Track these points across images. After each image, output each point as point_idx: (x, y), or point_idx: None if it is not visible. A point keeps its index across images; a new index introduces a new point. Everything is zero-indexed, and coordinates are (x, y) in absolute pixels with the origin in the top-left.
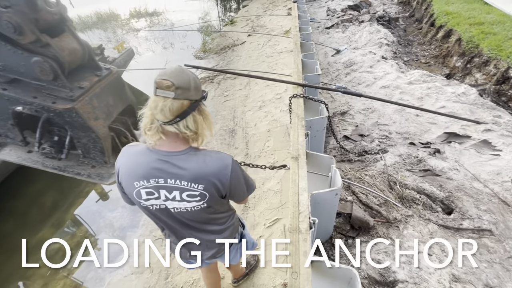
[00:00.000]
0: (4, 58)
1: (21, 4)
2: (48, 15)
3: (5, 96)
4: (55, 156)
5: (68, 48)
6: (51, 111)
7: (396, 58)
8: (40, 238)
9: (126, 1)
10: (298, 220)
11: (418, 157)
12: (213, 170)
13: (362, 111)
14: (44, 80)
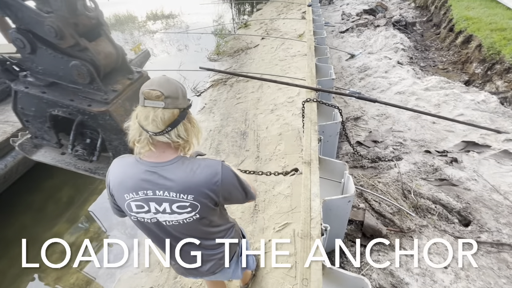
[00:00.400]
0: (45, 62)
1: (63, 9)
2: (86, 20)
3: (44, 99)
4: (87, 158)
5: (104, 52)
6: (86, 114)
7: (413, 63)
8: (55, 233)
9: (143, 3)
10: (310, 226)
11: (434, 165)
12: (202, 179)
13: (376, 116)
14: (80, 83)
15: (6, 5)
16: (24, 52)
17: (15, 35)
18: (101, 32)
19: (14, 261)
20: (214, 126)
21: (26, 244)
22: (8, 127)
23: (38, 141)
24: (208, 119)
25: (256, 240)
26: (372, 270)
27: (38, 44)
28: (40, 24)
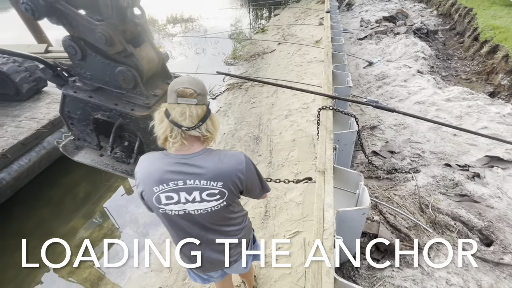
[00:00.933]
0: (93, 68)
1: (114, 17)
2: (133, 27)
3: (89, 103)
4: (125, 160)
5: (147, 57)
6: (127, 118)
7: (434, 72)
8: (71, 227)
9: (164, 7)
10: (322, 237)
11: (454, 180)
12: (229, 167)
13: (394, 126)
14: (124, 88)
15: (63, 14)
16: (75, 59)
17: (68, 42)
18: (145, 38)
19: (31, 253)
20: (228, 129)
21: (42, 238)
22: (34, 123)
23: (80, 143)
24: (222, 122)
25: (266, 247)
26: (385, 286)
27: (88, 51)
28: (91, 32)
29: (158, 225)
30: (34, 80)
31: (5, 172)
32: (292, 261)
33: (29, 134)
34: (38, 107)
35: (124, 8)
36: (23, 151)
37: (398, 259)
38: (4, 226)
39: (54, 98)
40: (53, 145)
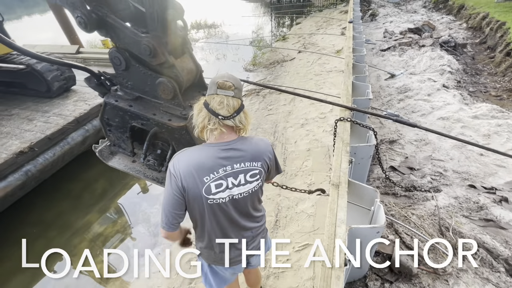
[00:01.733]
0: (135, 78)
1: (158, 30)
2: (176, 39)
3: (129, 112)
4: (157, 168)
5: (187, 69)
6: (163, 127)
7: (460, 87)
8: (87, 221)
9: (189, 13)
10: (333, 254)
11: (478, 203)
12: (263, 148)
13: (414, 142)
14: (163, 98)
15: (112, 27)
16: (119, 69)
17: (114, 53)
18: (185, 50)
19: (50, 243)
20: None
21: (60, 230)
22: (61, 119)
23: (115, 148)
24: None
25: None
26: None
27: (132, 61)
28: (137, 44)
29: None
30: (64, 79)
31: (31, 164)
32: (300, 275)
33: (56, 129)
34: (66, 104)
35: (169, 21)
36: (49, 145)
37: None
38: (26, 215)
39: (81, 97)
40: (77, 141)
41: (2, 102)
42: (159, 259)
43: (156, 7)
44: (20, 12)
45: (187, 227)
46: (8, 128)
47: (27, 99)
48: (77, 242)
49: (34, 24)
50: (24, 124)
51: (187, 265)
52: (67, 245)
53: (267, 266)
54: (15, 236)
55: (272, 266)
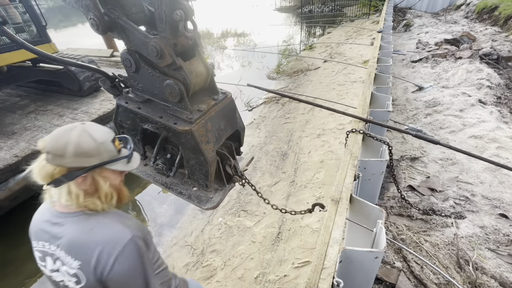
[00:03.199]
0: (145, 80)
1: (167, 31)
2: (185, 41)
3: (138, 114)
4: (165, 173)
5: (195, 72)
6: (170, 131)
7: (500, 104)
8: None
9: (221, 22)
10: (319, 276)
11: (510, 235)
12: (96, 241)
13: (439, 160)
14: (170, 101)
15: (123, 29)
16: (130, 71)
17: (125, 55)
18: (195, 53)
19: None
20: (257, 142)
21: None
22: (86, 117)
23: None
24: (253, 134)
25: (271, 271)
26: None
27: (141, 63)
28: (145, 45)
29: (173, 227)
30: (94, 80)
31: None
32: None
33: None
34: (93, 103)
35: (177, 22)
36: None
37: None
38: None
39: (108, 97)
40: None
41: (42, 98)
42: None
43: (164, 7)
44: (75, 20)
45: None
46: (41, 122)
47: (62, 97)
48: None
49: (86, 32)
50: (55, 120)
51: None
52: None
53: (263, 280)
54: None
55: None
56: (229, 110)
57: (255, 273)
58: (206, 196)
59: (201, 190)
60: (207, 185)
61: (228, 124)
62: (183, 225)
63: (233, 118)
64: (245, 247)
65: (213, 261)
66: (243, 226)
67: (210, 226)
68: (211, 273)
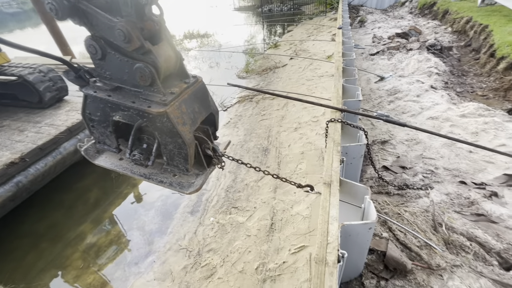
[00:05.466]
0: (112, 66)
1: (132, 15)
2: (152, 25)
3: (109, 103)
4: (143, 163)
5: (164, 55)
6: (144, 116)
7: (448, 88)
8: (80, 232)
9: (182, 23)
10: (326, 251)
11: (469, 198)
12: None
13: (405, 141)
14: (142, 86)
15: (85, 14)
16: (95, 58)
17: (89, 42)
18: (163, 37)
19: (42, 255)
20: (237, 140)
21: (52, 241)
22: (53, 129)
23: (100, 146)
24: (232, 133)
25: (270, 261)
26: None
27: (108, 49)
28: (111, 29)
29: (164, 233)
30: (56, 89)
31: (22, 175)
32: (296, 277)
33: (47, 139)
34: (58, 114)
35: (142, 5)
36: (41, 155)
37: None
38: (19, 227)
39: (74, 106)
40: (69, 151)
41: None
42: (154, 267)
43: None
44: (12, 26)
45: None
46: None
47: (19, 110)
48: (70, 253)
49: (27, 37)
50: (15, 135)
51: (182, 271)
52: (59, 256)
53: (263, 270)
54: (6, 249)
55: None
56: (201, 93)
57: (255, 264)
58: (188, 181)
59: (182, 176)
60: (187, 169)
61: (202, 107)
62: (174, 229)
63: (206, 101)
64: (241, 242)
65: (211, 260)
66: (235, 222)
67: (202, 227)
68: (211, 271)
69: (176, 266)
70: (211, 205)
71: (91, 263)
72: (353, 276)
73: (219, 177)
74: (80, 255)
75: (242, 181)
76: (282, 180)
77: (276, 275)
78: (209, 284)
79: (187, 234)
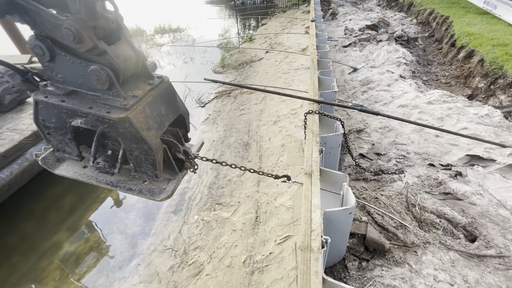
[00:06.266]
0: (64, 69)
1: (81, 12)
2: (106, 23)
3: (63, 109)
4: (108, 170)
5: (123, 56)
6: (105, 122)
7: (415, 77)
8: (55, 241)
9: (152, 18)
10: (310, 238)
11: (438, 179)
12: None
13: (379, 129)
14: (99, 90)
15: (25, 10)
16: (44, 60)
17: (34, 42)
18: (120, 36)
19: (14, 269)
20: (217, 136)
21: (25, 253)
22: (16, 135)
23: (60, 154)
24: (212, 129)
25: (257, 253)
26: (375, 285)
27: (57, 50)
28: (58, 28)
29: (147, 235)
30: (17, 91)
31: None
32: (283, 266)
33: (11, 146)
34: (21, 118)
35: (93, 2)
36: (5, 163)
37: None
38: None
39: None
40: None
41: None
42: (139, 270)
43: None
44: None
45: None
46: None
47: None
48: (46, 264)
49: None
50: None
51: (169, 272)
52: (34, 269)
53: (251, 262)
54: None
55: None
56: (168, 94)
57: (242, 258)
58: (159, 187)
59: (152, 182)
60: (156, 175)
61: (170, 109)
62: (157, 230)
63: (174, 102)
64: (227, 237)
65: (198, 258)
66: (220, 218)
67: (187, 225)
68: (198, 269)
69: (162, 267)
70: (194, 203)
71: (70, 273)
72: (337, 260)
73: (201, 175)
74: (57, 265)
75: (224, 177)
76: (259, 174)
77: (263, 266)
78: (197, 281)
79: (171, 234)
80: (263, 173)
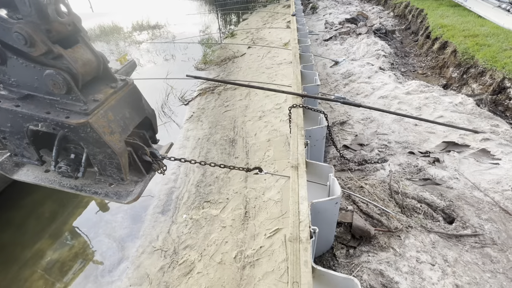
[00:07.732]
0: (17, 73)
1: (32, 15)
2: (61, 26)
3: (19, 114)
4: (72, 175)
5: (82, 59)
6: (65, 127)
7: (394, 69)
8: (37, 250)
9: (129, 15)
10: (299, 229)
11: (417, 166)
12: None
13: (361, 120)
14: (57, 94)
15: None
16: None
17: None
18: (78, 39)
19: None
20: (203, 134)
21: (5, 264)
22: None
23: (19, 159)
24: (197, 127)
25: (247, 248)
26: (362, 271)
27: (8, 54)
28: (7, 32)
29: (135, 237)
30: None
31: None
32: (274, 259)
33: None
34: None
35: (44, 5)
36: None
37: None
38: None
39: None
40: None
41: None
42: (128, 273)
43: None
44: None
45: None
46: None
47: None
48: (28, 274)
49: None
50: None
51: (159, 272)
52: (15, 280)
53: (242, 257)
54: None
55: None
56: (132, 97)
57: (233, 253)
58: (126, 190)
59: (119, 185)
60: (122, 178)
61: (135, 112)
62: (146, 232)
63: (139, 105)
64: (217, 234)
65: (188, 256)
66: (209, 216)
67: (175, 225)
68: (189, 268)
69: (152, 268)
70: (182, 202)
71: (55, 281)
72: (325, 250)
73: (187, 173)
74: (40, 274)
75: (212, 174)
76: (230, 168)
77: (254, 260)
78: (189, 280)
79: (160, 235)
80: (233, 167)
